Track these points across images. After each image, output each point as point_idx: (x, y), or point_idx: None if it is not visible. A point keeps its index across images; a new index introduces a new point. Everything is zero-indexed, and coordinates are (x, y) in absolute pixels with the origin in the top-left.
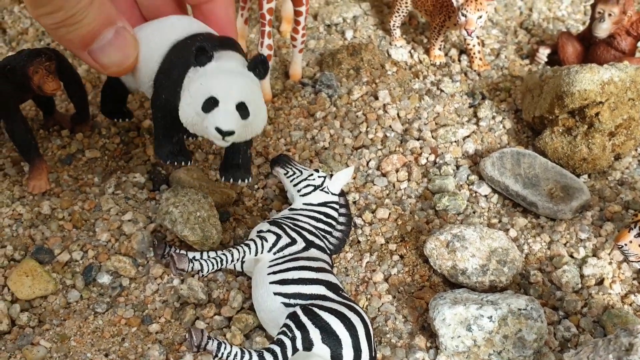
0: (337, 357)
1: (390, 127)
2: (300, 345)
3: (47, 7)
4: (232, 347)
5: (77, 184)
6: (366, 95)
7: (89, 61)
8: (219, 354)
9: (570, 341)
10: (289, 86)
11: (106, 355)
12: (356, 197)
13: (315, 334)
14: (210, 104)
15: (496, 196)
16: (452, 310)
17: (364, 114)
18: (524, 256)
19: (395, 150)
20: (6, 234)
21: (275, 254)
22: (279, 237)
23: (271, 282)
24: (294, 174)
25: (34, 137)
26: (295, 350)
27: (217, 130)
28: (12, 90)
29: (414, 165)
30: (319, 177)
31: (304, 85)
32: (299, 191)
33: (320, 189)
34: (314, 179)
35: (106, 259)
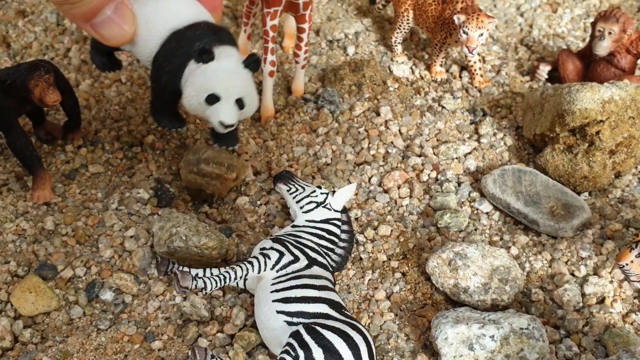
0: None
1: (392, 144)
2: None
3: None
4: None
5: (81, 200)
6: (368, 111)
7: (90, 32)
8: None
9: None
10: (292, 102)
11: None
12: (358, 213)
13: (318, 353)
14: (212, 99)
15: (497, 213)
16: (454, 329)
17: (365, 130)
18: (526, 274)
19: (397, 166)
20: (10, 250)
21: (278, 271)
22: (281, 254)
23: (274, 300)
24: (297, 190)
25: (35, 149)
26: None
27: (221, 123)
28: (12, 104)
29: (416, 181)
30: (322, 193)
31: (306, 101)
32: (301, 208)
33: (322, 205)
34: (316, 196)
35: (109, 275)
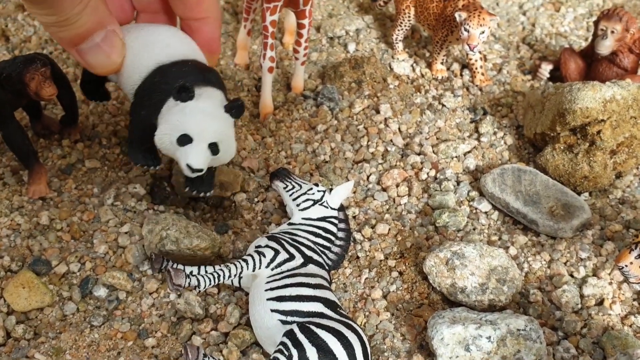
0: None
1: (391, 142)
2: None
3: (42, 9)
4: None
5: (77, 195)
6: (368, 108)
7: (76, 57)
8: None
9: None
10: (291, 98)
11: None
12: (356, 211)
13: (312, 352)
14: (184, 140)
15: (496, 213)
16: (451, 329)
17: (365, 128)
18: (524, 275)
19: (395, 164)
20: (4, 245)
21: (273, 269)
22: (277, 252)
23: (268, 299)
24: (293, 188)
25: (31, 143)
26: None
27: (188, 166)
28: (8, 98)
29: (415, 180)
30: (319, 191)
31: (305, 97)
32: (298, 205)
33: (319, 203)
34: (313, 193)
35: (103, 271)
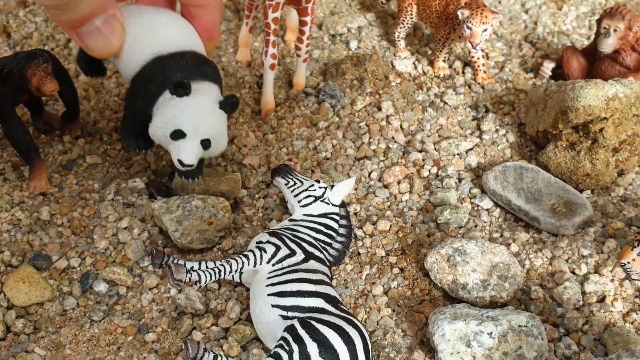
0: None
1: (392, 139)
2: (297, 359)
3: None
4: (228, 359)
5: (78, 190)
6: (369, 106)
7: (76, 40)
8: None
9: (570, 359)
10: (293, 95)
11: None
12: (357, 208)
13: (312, 347)
14: (178, 135)
15: (498, 210)
16: (452, 325)
17: (366, 125)
18: (525, 272)
19: (397, 161)
20: (4, 239)
21: (274, 265)
22: (278, 248)
23: (269, 294)
24: (295, 184)
25: (32, 139)
26: None
27: (179, 161)
28: (9, 93)
29: (416, 177)
30: (320, 187)
31: (307, 94)
32: (299, 202)
33: (320, 199)
34: (314, 190)
35: (104, 266)
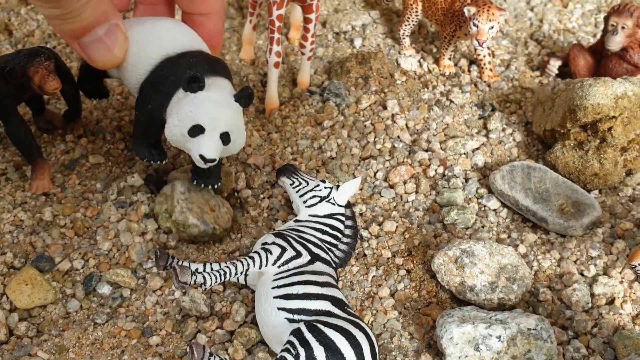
0: None
1: (398, 138)
2: None
3: (46, 2)
4: None
5: (80, 190)
6: (374, 104)
7: (78, 50)
8: None
9: None
10: (297, 94)
11: None
12: (363, 208)
13: (319, 351)
14: (196, 130)
15: (505, 210)
16: (460, 328)
17: (372, 124)
18: (534, 273)
19: (403, 161)
20: (7, 241)
21: (279, 267)
22: (283, 249)
23: (275, 297)
24: (300, 184)
25: (35, 138)
26: None
27: (201, 156)
28: (11, 92)
29: (422, 177)
30: (325, 187)
31: (311, 93)
32: (304, 202)
33: (326, 200)
34: (320, 190)
35: (107, 268)
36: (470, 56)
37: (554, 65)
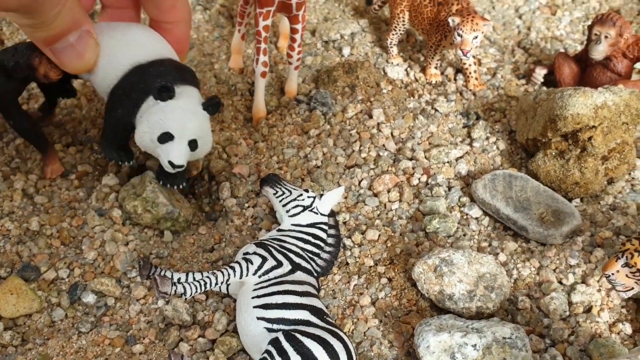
0: None
1: (383, 146)
2: None
3: (20, 12)
4: None
5: (67, 200)
6: (360, 113)
7: (50, 56)
8: None
9: None
10: (284, 103)
11: None
12: (347, 217)
13: None
14: (166, 137)
15: (487, 219)
16: (437, 337)
17: (357, 133)
18: (513, 281)
19: (387, 170)
20: None
21: (260, 277)
22: (264, 259)
23: (255, 307)
24: (283, 194)
25: (39, 127)
26: None
27: (170, 163)
28: (14, 87)
29: (406, 185)
30: (309, 197)
31: (299, 102)
32: (287, 212)
33: (309, 209)
34: (303, 199)
35: (92, 277)
36: (456, 65)
37: (540, 73)
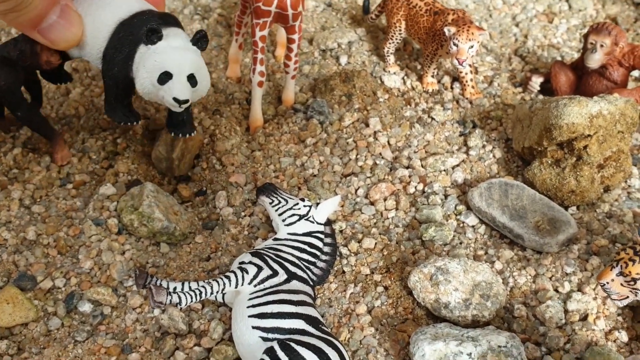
0: None
1: (380, 155)
2: None
3: None
4: None
5: (64, 209)
6: (357, 122)
7: (39, 39)
8: None
9: None
10: (281, 112)
11: None
12: (343, 225)
13: None
14: (165, 77)
15: (483, 227)
16: (432, 346)
17: (354, 141)
18: (509, 289)
19: (384, 178)
20: None
21: (255, 286)
22: (260, 269)
23: (250, 316)
24: (279, 203)
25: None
26: None
27: (175, 99)
28: (18, 77)
29: (402, 194)
30: (305, 206)
31: (296, 111)
32: (283, 220)
33: (305, 218)
34: (299, 208)
35: (88, 287)
36: (453, 73)
37: (536, 81)
